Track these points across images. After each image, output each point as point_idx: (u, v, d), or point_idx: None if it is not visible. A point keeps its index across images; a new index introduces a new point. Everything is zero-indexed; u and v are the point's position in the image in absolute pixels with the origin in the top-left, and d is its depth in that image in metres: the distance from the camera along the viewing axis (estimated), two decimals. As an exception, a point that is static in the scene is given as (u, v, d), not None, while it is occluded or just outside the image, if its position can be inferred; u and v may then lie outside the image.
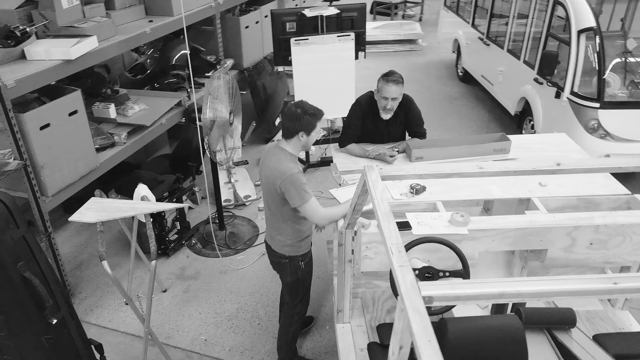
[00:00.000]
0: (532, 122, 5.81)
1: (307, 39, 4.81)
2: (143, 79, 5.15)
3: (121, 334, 3.66)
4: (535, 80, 5.61)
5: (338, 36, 4.85)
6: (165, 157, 5.32)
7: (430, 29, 10.50)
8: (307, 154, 5.53)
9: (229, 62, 5.60)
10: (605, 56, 4.84)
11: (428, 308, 2.08)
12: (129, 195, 3.65)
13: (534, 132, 5.68)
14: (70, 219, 3.04)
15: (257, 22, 5.92)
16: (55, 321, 1.97)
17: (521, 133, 6.13)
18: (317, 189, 5.06)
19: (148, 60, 5.44)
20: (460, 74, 8.19)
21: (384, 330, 2.62)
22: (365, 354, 2.82)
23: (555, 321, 2.29)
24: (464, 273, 2.49)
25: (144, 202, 3.33)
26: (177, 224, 4.41)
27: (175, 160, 5.07)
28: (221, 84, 3.87)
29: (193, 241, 4.54)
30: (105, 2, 4.23)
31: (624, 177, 3.44)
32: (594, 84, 4.91)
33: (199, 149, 5.05)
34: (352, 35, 4.87)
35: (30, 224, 2.36)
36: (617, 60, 5.07)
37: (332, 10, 4.80)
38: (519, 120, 6.23)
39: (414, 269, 2.53)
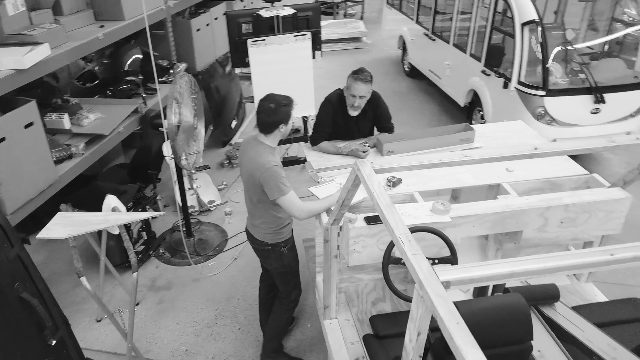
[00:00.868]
0: (481, 113, 6.06)
1: (264, 40, 4.78)
2: (94, 87, 4.95)
3: (96, 352, 3.51)
4: (483, 72, 5.86)
5: (295, 36, 4.85)
6: (121, 166, 5.14)
7: (372, 26, 10.70)
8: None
9: (182, 66, 5.47)
10: (548, 46, 5.13)
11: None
12: (89, 209, 3.51)
13: (484, 122, 5.93)
14: (38, 236, 2.89)
15: (207, 25, 5.83)
16: (54, 342, 1.87)
17: (471, 124, 6.37)
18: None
19: (96, 67, 5.23)
20: (407, 69, 8.41)
21: (378, 321, 2.67)
22: (356, 347, 2.86)
23: (542, 297, 2.42)
24: (452, 259, 2.59)
25: (115, 213, 3.21)
26: (144, 234, 4.28)
27: (134, 169, 4.91)
28: (185, 88, 3.79)
29: (161, 251, 4.41)
30: (53, 7, 4.04)
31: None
32: (539, 73, 5.19)
33: (159, 156, 4.95)
34: (309, 34, 4.88)
35: (24, 241, 2.22)
36: (558, 50, 5.39)
37: (288, 11, 4.80)
38: (468, 111, 6.47)
39: (401, 258, 2.59)
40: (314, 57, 5.08)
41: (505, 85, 5.44)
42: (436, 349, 1.90)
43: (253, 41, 4.75)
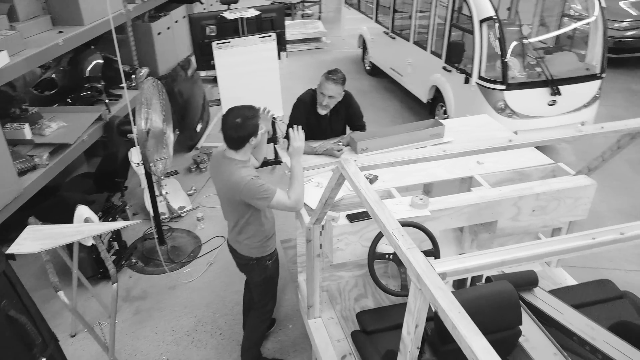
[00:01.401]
0: (444, 108, 6.20)
1: (229, 42, 4.75)
2: (53, 95, 4.78)
3: (73, 368, 3.40)
4: (444, 68, 6.00)
5: (260, 37, 4.85)
6: (86, 175, 4.98)
7: (331, 26, 10.77)
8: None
9: (144, 71, 5.37)
10: (505, 42, 5.30)
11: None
12: (55, 221, 3.39)
13: (447, 117, 6.08)
14: (8, 251, 2.77)
15: (168, 28, 5.74)
16: (44, 360, 1.81)
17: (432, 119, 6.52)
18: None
19: (53, 75, 5.05)
20: (367, 68, 8.51)
21: (365, 317, 2.70)
22: (342, 344, 2.89)
23: (522, 283, 2.51)
24: (435, 252, 2.65)
25: (89, 224, 3.12)
26: (115, 244, 4.17)
27: (100, 178, 4.77)
28: (153, 93, 3.72)
29: (133, 260, 4.31)
30: (7, 13, 3.88)
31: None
32: (498, 68, 5.36)
33: (126, 163, 4.83)
34: (274, 35, 4.88)
35: (9, 257, 2.13)
36: (515, 45, 5.58)
37: (253, 12, 4.78)
38: (431, 107, 6.61)
39: (388, 254, 2.65)
40: (279, 57, 5.09)
41: (467, 81, 5.59)
42: (432, 339, 1.95)
43: (218, 44, 4.72)
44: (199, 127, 6.25)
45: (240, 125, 2.60)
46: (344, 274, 3.34)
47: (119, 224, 3.32)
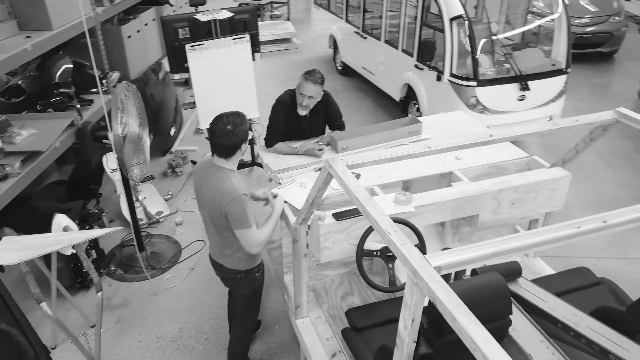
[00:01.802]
0: (417, 106, 6.29)
1: (202, 44, 4.70)
2: (21, 102, 4.64)
3: (55, 381, 3.32)
4: (416, 66, 6.09)
5: (233, 39, 4.81)
6: (58, 183, 4.86)
7: (300, 27, 10.78)
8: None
9: (115, 75, 5.26)
10: (475, 39, 5.41)
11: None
12: (28, 231, 3.29)
13: (420, 115, 6.16)
14: (-14, 264, 2.69)
15: (138, 31, 5.64)
16: (36, 373, 1.76)
17: (407, 117, 6.61)
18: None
19: (20, 81, 4.90)
20: (339, 67, 8.56)
21: (354, 314, 2.72)
22: (331, 343, 2.91)
23: (507, 274, 2.57)
24: (421, 247, 2.69)
25: (68, 233, 3.05)
26: (93, 252, 4.08)
27: (74, 185, 4.66)
28: (129, 97, 3.66)
29: (112, 268, 4.23)
30: (-28, 18, 3.76)
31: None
32: (469, 65, 5.47)
33: (100, 170, 4.74)
34: (247, 37, 4.86)
35: None
36: (484, 42, 5.71)
37: (226, 14, 4.75)
38: (404, 105, 6.70)
39: (375, 251, 2.68)
40: (253, 59, 5.07)
41: (439, 78, 5.68)
42: (427, 332, 1.98)
43: (191, 46, 4.66)
44: (172, 131, 6.18)
45: (232, 132, 2.53)
46: (329, 273, 3.36)
47: (99, 232, 3.25)
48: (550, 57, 5.96)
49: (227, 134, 2.54)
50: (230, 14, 4.78)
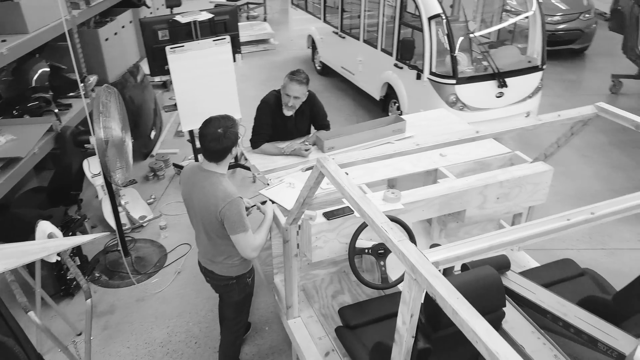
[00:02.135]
0: (397, 104, 6.35)
1: (182, 46, 4.66)
2: (-3, 107, 4.53)
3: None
4: (396, 65, 6.14)
5: (214, 40, 4.78)
6: (37, 190, 4.75)
7: (278, 27, 10.76)
8: (197, 160, 5.36)
9: (93, 79, 5.18)
10: (453, 38, 5.49)
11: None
12: (8, 240, 3.22)
13: (400, 113, 6.22)
14: (-31, 274, 2.62)
15: (115, 34, 5.56)
16: (32, 382, 1.72)
17: (388, 115, 6.66)
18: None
19: (-6, 86, 4.79)
20: (318, 68, 8.57)
21: (348, 312, 2.73)
22: (324, 342, 2.92)
23: (496, 268, 2.61)
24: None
25: (53, 239, 2.99)
26: (76, 259, 4.01)
27: (54, 192, 4.57)
28: (111, 100, 3.61)
29: (96, 274, 4.17)
30: (-55, 23, 3.66)
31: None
32: (448, 63, 5.54)
33: (80, 175, 4.66)
34: (228, 38, 4.84)
35: None
36: (462, 40, 5.79)
37: (206, 15, 4.72)
38: (384, 104, 6.75)
39: (367, 248, 2.70)
40: (234, 60, 5.05)
41: (418, 77, 5.74)
42: (424, 327, 2.01)
43: (172, 48, 4.62)
44: (152, 134, 6.11)
45: (223, 136, 2.51)
46: (319, 272, 3.37)
47: (86, 238, 3.20)
48: (526, 54, 6.07)
49: (218, 137, 2.51)
50: (210, 15, 4.75)
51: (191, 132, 5.15)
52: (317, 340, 2.93)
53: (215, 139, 2.52)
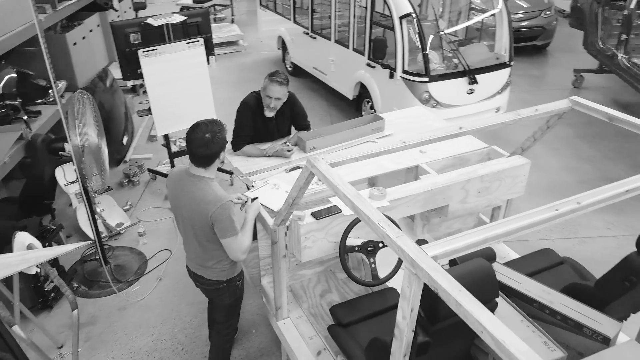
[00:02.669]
0: (370, 103, 6.41)
1: (155, 49, 4.59)
2: (-39, 117, 4.36)
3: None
4: (368, 65, 6.19)
5: (187, 43, 4.73)
6: (8, 200, 4.60)
7: (246, 28, 10.69)
8: (173, 165, 5.28)
9: (62, 84, 5.05)
10: (424, 36, 5.58)
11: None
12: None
13: (374, 112, 6.28)
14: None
15: (83, 38, 5.43)
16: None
17: (361, 115, 6.72)
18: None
19: (-42, 95, 4.61)
20: (289, 68, 8.56)
21: (339, 311, 2.75)
22: (315, 341, 2.93)
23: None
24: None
25: (33, 251, 2.91)
26: (54, 270, 3.89)
27: (26, 201, 4.43)
28: (87, 106, 3.53)
29: (75, 285, 4.06)
30: None
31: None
32: (420, 61, 5.63)
33: (53, 184, 4.54)
34: (201, 40, 4.79)
35: None
36: (433, 39, 5.88)
37: (178, 18, 4.65)
38: (357, 103, 6.80)
39: (356, 246, 2.72)
40: (208, 63, 5.00)
41: (391, 75, 5.81)
42: (422, 321, 2.04)
43: (144, 51, 4.54)
44: (125, 139, 5.99)
45: (211, 141, 2.49)
46: (306, 272, 3.38)
47: (68, 247, 3.10)
48: (494, 51, 6.22)
49: (206, 142, 2.49)
50: (183, 18, 4.69)
51: (166, 137, 5.07)
52: (308, 340, 2.94)
53: (203, 144, 2.49)
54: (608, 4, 7.44)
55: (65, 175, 4.30)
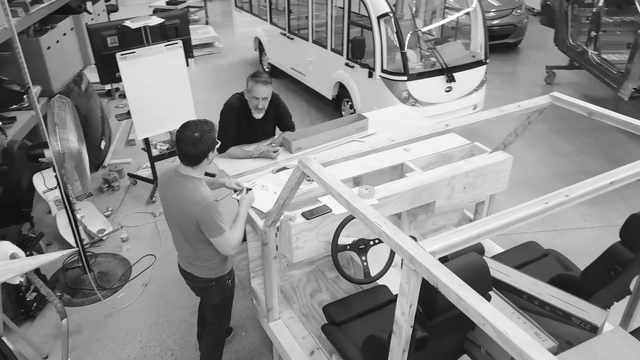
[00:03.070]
0: (350, 103, 6.44)
1: (134, 52, 4.53)
2: None
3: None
4: (347, 64, 6.22)
5: (166, 45, 4.68)
6: (-17, 210, 4.48)
7: (221, 30, 10.62)
8: (154, 169, 5.22)
9: (37, 89, 4.93)
10: (402, 35, 5.63)
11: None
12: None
13: (354, 111, 6.32)
14: None
15: (57, 42, 5.31)
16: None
17: (341, 114, 6.75)
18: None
19: None
20: (267, 69, 8.53)
21: (332, 309, 2.76)
22: (308, 341, 2.94)
23: (473, 254, 2.73)
24: (390, 237, 2.78)
25: (17, 260, 2.84)
26: (39, 279, 3.81)
27: (3, 210, 4.31)
28: (66, 111, 3.46)
29: (58, 294, 3.98)
30: None
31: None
32: (398, 60, 5.68)
33: (30, 191, 4.43)
34: (180, 42, 4.75)
35: None
36: (411, 38, 5.95)
37: (156, 20, 4.60)
38: (336, 103, 6.83)
39: (348, 245, 2.74)
40: (187, 65, 4.96)
41: (370, 75, 5.85)
42: (420, 316, 2.06)
43: (122, 54, 4.48)
44: (102, 144, 5.89)
45: (200, 140, 2.49)
46: (296, 272, 3.38)
47: (53, 255, 3.03)
48: (470, 49, 6.32)
49: (194, 141, 2.49)
50: (161, 20, 4.65)
51: (146, 141, 5.00)
52: (301, 340, 2.95)
53: (191, 143, 2.49)
54: (577, 2, 7.65)
55: (45, 182, 4.20)
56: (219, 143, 2.69)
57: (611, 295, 2.64)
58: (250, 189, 2.88)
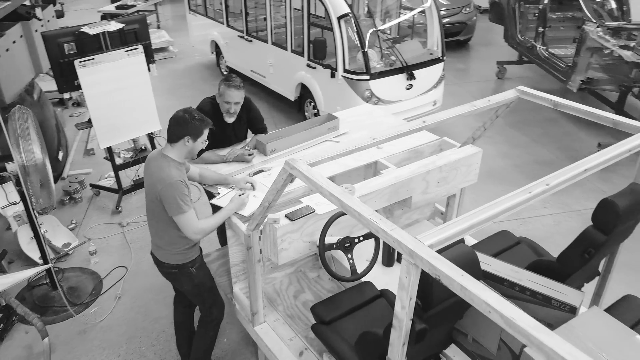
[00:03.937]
0: (313, 104, 6.47)
1: (93, 59, 4.39)
2: None
3: None
4: (308, 65, 6.25)
5: (126, 51, 4.56)
6: (-63, 230, 4.24)
7: (175, 34, 10.42)
8: (118, 178, 5.07)
9: (-13, 100, 4.71)
10: (363, 35, 5.71)
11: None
12: None
13: (317, 112, 6.35)
14: None
15: (7, 50, 5.08)
16: None
17: (304, 115, 6.77)
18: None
19: None
20: (225, 73, 8.44)
21: (320, 309, 2.76)
22: (295, 342, 2.95)
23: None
24: (374, 234, 2.82)
25: (-12, 279, 2.71)
26: (2, 300, 3.63)
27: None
28: (29, 122, 3.32)
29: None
30: None
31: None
32: (360, 60, 5.76)
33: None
34: (141, 47, 4.64)
35: None
36: (371, 37, 6.04)
37: (115, 25, 4.47)
38: (299, 104, 6.84)
39: (334, 243, 2.77)
40: (149, 70, 4.85)
41: (333, 75, 5.90)
42: (418, 309, 2.10)
43: (81, 62, 4.34)
44: (60, 155, 5.66)
45: (183, 119, 2.64)
46: (277, 275, 3.38)
47: (28, 272, 2.91)
48: (427, 47, 6.48)
49: (178, 118, 2.66)
50: (120, 25, 4.52)
51: (109, 149, 4.85)
52: (288, 341, 2.95)
53: (176, 119, 2.67)
54: (524, 0, 7.98)
55: (7, 196, 4.01)
56: (198, 133, 2.75)
57: (584, 277, 2.78)
58: (243, 194, 2.99)
